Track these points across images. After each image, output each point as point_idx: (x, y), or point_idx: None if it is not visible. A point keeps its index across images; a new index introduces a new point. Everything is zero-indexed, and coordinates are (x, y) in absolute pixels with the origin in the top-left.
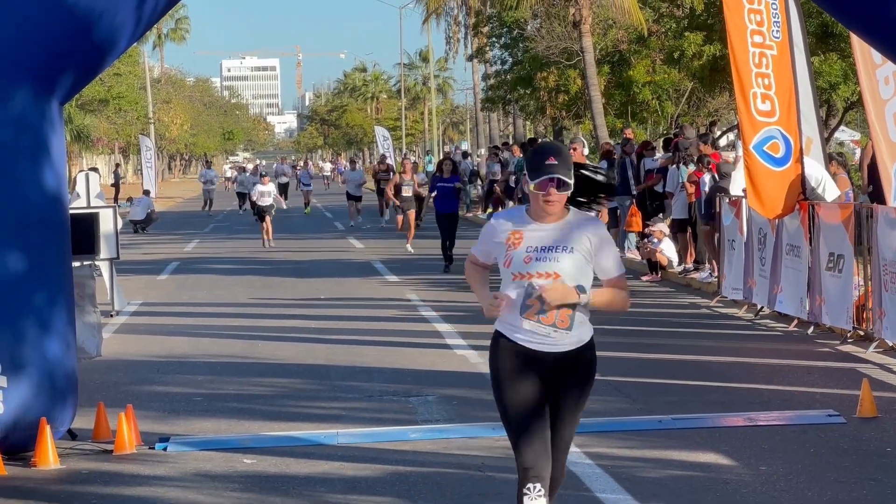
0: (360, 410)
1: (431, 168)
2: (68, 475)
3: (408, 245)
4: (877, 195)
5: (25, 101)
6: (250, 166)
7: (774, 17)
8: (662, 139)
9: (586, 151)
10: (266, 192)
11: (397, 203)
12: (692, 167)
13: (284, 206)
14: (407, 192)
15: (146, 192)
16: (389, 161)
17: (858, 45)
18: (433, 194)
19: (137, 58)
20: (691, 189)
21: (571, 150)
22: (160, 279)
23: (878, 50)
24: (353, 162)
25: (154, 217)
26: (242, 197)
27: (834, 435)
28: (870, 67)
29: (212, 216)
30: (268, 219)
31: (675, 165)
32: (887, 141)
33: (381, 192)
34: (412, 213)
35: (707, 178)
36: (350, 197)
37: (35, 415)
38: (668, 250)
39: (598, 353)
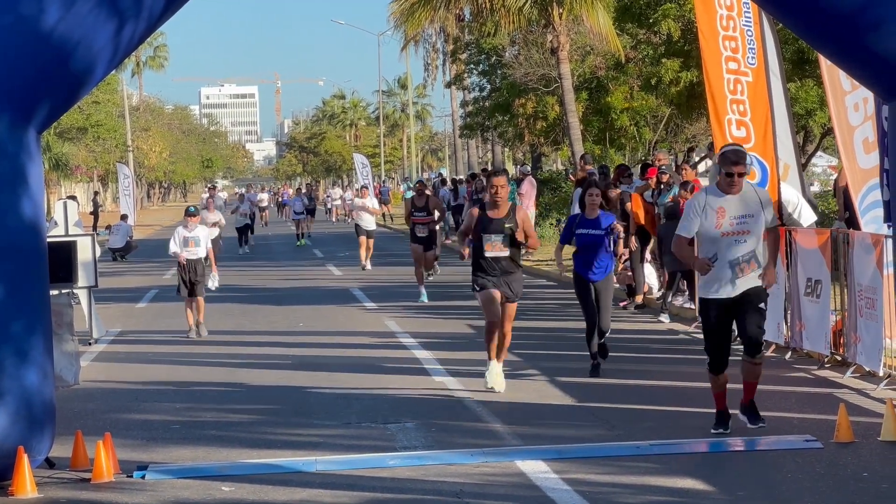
0: (339, 437)
1: (410, 195)
2: None
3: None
4: (853, 221)
5: (1, 129)
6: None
7: (750, 44)
8: (640, 164)
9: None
10: (194, 239)
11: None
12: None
13: (215, 285)
14: (422, 232)
15: (124, 217)
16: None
17: (828, 71)
18: (567, 246)
19: (116, 85)
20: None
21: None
22: (139, 307)
23: (851, 75)
24: (363, 189)
25: (133, 245)
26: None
27: (811, 460)
28: (839, 94)
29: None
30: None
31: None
32: (856, 167)
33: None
34: (428, 257)
35: None
36: (361, 232)
37: (12, 443)
38: (649, 277)
39: (577, 379)
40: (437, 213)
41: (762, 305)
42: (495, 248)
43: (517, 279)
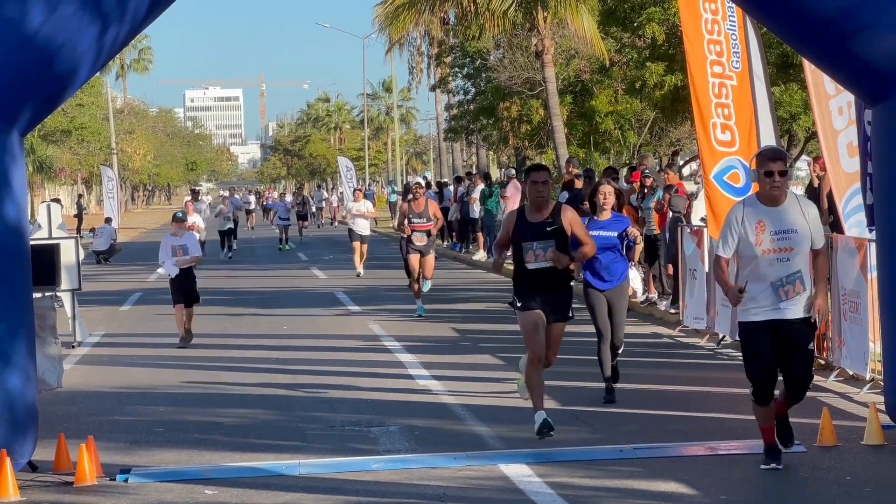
0: (322, 441)
1: (395, 198)
2: None
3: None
4: (837, 225)
5: None
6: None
7: (734, 48)
8: (626, 168)
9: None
10: (182, 247)
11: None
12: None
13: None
14: (421, 240)
15: (108, 220)
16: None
17: (812, 75)
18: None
19: (100, 88)
20: (657, 218)
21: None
22: (122, 310)
23: (835, 79)
24: (357, 192)
25: (117, 248)
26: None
27: (794, 464)
28: (822, 98)
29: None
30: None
31: (639, 194)
32: (840, 172)
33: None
34: (429, 262)
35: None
36: (355, 237)
37: None
38: (633, 280)
39: (560, 383)
40: (435, 219)
41: (811, 346)
42: (538, 258)
43: (565, 299)
